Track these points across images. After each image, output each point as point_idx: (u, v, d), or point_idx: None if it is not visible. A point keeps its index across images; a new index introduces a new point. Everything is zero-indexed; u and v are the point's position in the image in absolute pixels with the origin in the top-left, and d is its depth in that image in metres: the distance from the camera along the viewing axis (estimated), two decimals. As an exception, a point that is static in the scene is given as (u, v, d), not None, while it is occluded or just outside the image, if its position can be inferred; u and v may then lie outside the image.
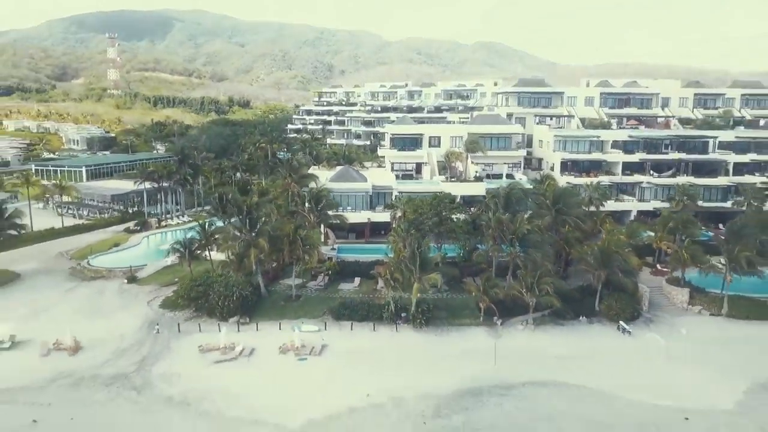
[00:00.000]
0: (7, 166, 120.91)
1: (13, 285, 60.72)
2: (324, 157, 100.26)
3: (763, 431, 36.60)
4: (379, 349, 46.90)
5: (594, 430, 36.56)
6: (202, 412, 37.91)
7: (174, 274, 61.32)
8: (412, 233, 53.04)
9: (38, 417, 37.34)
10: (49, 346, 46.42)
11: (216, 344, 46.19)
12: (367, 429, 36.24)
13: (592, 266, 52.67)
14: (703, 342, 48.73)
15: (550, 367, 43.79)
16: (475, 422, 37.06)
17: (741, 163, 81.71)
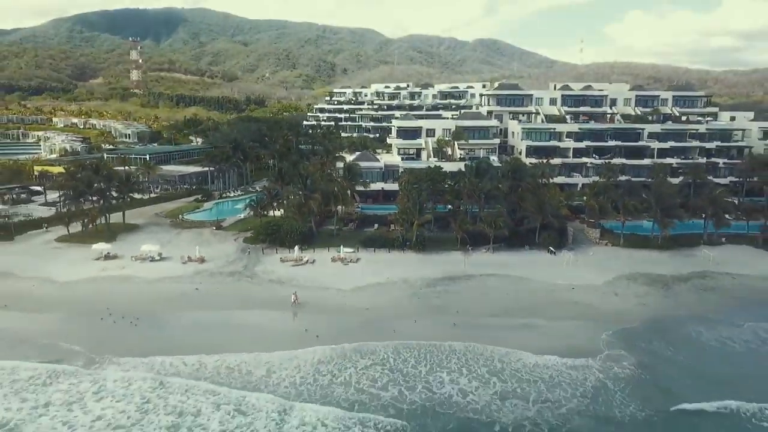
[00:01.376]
0: (78, 155, 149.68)
1: (139, 231, 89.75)
2: (345, 144, 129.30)
3: (614, 294, 65.65)
4: (393, 260, 75.99)
5: (520, 292, 65.43)
6: (292, 285, 66.85)
7: (247, 224, 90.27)
8: (413, 191, 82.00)
9: (198, 287, 66.50)
10: (185, 258, 75.57)
11: (291, 257, 75.40)
12: (387, 290, 65.37)
13: (533, 213, 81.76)
14: (600, 258, 77.86)
15: (499, 268, 72.75)
16: (450, 289, 66.16)
17: (663, 149, 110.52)
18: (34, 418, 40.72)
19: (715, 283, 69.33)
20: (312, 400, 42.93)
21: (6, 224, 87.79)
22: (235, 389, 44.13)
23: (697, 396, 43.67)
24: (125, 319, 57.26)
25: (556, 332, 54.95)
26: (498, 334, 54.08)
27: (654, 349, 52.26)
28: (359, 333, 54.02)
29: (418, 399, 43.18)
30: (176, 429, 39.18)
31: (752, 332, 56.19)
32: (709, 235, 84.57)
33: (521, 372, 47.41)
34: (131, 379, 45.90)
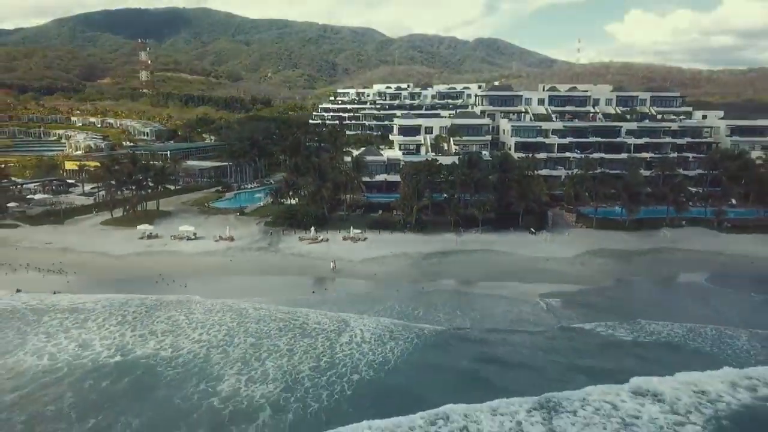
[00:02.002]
0: (102, 152, 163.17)
1: (172, 216, 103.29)
2: (351, 141, 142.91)
3: (581, 264, 79.21)
4: (395, 239, 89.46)
5: (502, 263, 78.99)
6: (310, 257, 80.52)
7: (267, 211, 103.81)
8: (412, 181, 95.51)
9: (231, 259, 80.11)
10: (217, 237, 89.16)
11: (308, 236, 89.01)
12: (391, 262, 78.94)
13: (517, 199, 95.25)
14: (574, 238, 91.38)
15: (486, 245, 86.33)
16: (444, 261, 79.79)
17: (639, 145, 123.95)
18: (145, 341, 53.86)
19: (667, 256, 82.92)
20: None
21: (56, 210, 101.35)
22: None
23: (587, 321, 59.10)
24: (176, 282, 70.93)
25: (524, 288, 68.86)
26: (479, 290, 67.86)
27: (588, 296, 66.70)
28: (371, 289, 67.79)
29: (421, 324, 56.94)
30: (257, 347, 52.22)
31: (680, 286, 70.24)
32: (671, 218, 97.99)
33: (491, 307, 61.92)
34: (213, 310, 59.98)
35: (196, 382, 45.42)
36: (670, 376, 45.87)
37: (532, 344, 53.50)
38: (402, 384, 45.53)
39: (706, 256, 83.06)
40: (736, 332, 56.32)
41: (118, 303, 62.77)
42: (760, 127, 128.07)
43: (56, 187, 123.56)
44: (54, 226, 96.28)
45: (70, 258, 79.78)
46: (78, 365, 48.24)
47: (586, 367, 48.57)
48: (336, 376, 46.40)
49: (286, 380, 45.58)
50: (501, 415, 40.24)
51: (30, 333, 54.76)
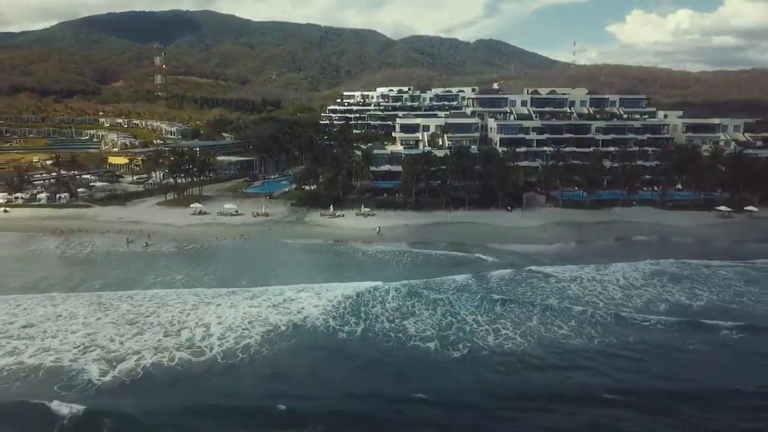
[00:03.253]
0: (135, 149, 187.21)
1: (213, 199, 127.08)
2: (359, 138, 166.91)
3: (544, 231, 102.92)
4: (398, 216, 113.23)
5: (482, 230, 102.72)
6: (331, 227, 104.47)
7: (291, 194, 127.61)
8: (411, 169, 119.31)
9: (270, 228, 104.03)
10: (255, 213, 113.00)
11: (327, 213, 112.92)
12: (394, 230, 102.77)
13: (497, 184, 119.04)
14: (542, 214, 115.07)
15: (470, 219, 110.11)
16: (435, 230, 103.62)
17: (606, 140, 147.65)
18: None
19: (613, 226, 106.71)
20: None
21: (118, 194, 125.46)
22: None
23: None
24: (235, 240, 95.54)
25: (496, 247, 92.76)
26: (465, 248, 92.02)
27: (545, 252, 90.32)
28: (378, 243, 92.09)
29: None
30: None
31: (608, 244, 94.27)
32: (624, 200, 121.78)
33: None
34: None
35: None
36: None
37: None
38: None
39: (644, 226, 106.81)
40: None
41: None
42: (711, 124, 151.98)
43: (110, 177, 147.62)
44: (119, 207, 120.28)
45: (144, 227, 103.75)
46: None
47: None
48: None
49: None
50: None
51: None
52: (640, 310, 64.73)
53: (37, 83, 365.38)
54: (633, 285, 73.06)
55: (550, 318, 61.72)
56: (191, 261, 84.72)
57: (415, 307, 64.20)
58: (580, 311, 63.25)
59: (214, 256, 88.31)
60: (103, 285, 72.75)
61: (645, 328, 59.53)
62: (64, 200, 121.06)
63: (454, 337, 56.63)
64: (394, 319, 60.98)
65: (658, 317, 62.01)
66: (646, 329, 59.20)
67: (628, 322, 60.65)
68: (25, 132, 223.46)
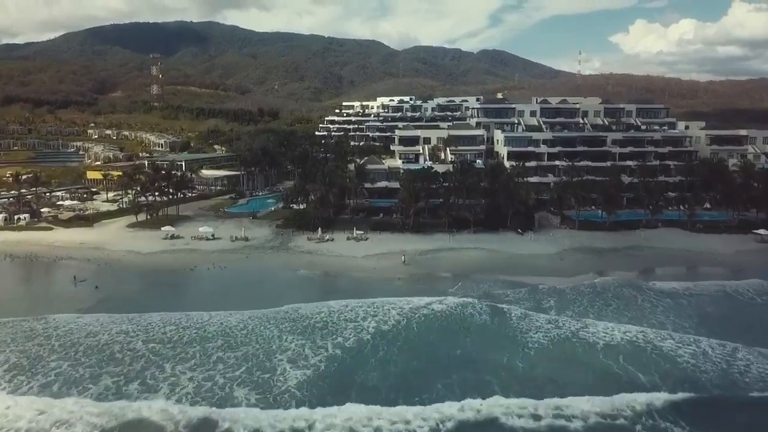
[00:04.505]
0: (119, 162, 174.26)
1: (191, 220, 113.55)
2: (355, 151, 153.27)
3: (560, 258, 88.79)
4: (395, 239, 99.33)
5: (489, 259, 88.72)
6: (317, 254, 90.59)
7: (278, 214, 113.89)
8: (411, 186, 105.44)
9: (247, 256, 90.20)
10: (233, 237, 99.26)
11: (315, 236, 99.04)
12: (390, 258, 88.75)
13: (505, 203, 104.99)
14: (557, 237, 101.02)
15: (476, 244, 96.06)
16: (437, 256, 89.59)
17: (624, 153, 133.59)
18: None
19: (639, 253, 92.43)
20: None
21: (85, 215, 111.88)
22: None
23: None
24: (209, 270, 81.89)
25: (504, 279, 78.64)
26: (469, 284, 77.79)
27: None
28: (370, 281, 77.86)
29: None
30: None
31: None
32: (648, 220, 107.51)
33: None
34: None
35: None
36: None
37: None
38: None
39: (675, 253, 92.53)
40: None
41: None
42: (738, 136, 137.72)
43: (82, 195, 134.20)
44: (85, 229, 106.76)
45: (104, 254, 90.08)
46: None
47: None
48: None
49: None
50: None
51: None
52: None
53: (33, 94, 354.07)
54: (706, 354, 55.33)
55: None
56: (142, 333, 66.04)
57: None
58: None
59: (173, 299, 74.40)
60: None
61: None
62: (23, 222, 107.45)
63: None
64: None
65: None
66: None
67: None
68: (9, 144, 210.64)
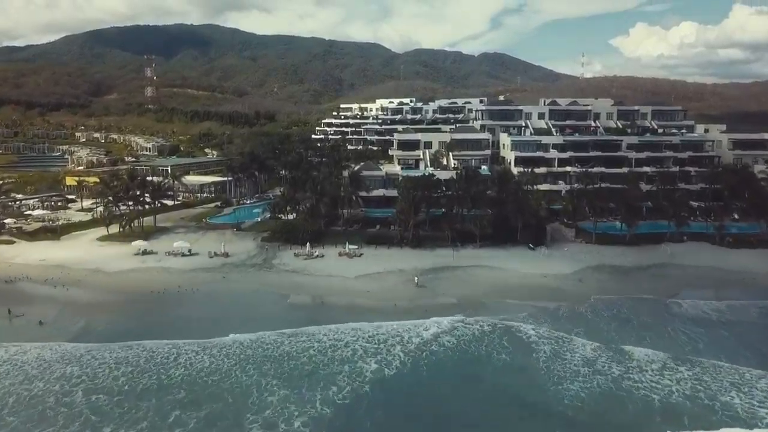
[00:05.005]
0: (104, 167, 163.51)
1: (169, 232, 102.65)
2: (351, 156, 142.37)
3: (579, 280, 77.78)
4: (391, 255, 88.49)
5: (498, 279, 77.81)
6: (305, 273, 79.67)
7: (264, 226, 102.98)
8: (410, 195, 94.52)
9: (225, 276, 79.28)
10: (212, 253, 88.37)
11: (303, 252, 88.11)
12: (386, 278, 77.87)
13: (514, 214, 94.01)
14: (573, 253, 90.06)
15: (483, 261, 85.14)
16: (439, 276, 78.59)
17: (640, 159, 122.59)
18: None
19: (667, 273, 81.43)
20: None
21: (53, 227, 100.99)
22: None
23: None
24: (179, 293, 70.65)
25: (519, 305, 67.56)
26: (480, 311, 66.69)
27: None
28: (364, 308, 66.80)
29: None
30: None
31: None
32: (672, 233, 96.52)
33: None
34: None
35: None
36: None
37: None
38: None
39: (706, 272, 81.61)
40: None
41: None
42: (763, 140, 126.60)
43: (55, 203, 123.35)
44: (52, 242, 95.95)
45: (64, 274, 79.17)
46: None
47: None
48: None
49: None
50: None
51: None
52: None
53: (26, 96, 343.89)
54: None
55: None
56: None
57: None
58: None
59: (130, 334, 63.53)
60: None
61: None
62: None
63: None
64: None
65: None
66: None
67: None
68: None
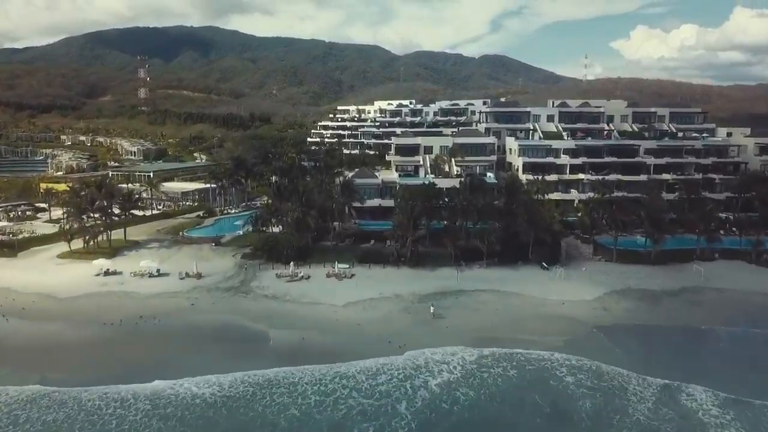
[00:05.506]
0: (84, 172, 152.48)
1: (140, 247, 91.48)
2: (345, 161, 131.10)
3: (604, 309, 66.48)
4: (387, 276, 77.26)
5: (510, 308, 66.53)
6: (286, 300, 68.42)
7: (246, 241, 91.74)
8: (408, 207, 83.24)
9: (194, 303, 68.02)
10: (182, 274, 77.15)
11: (286, 273, 76.83)
12: (380, 305, 66.62)
13: (525, 228, 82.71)
14: (592, 273, 78.77)
15: (491, 284, 73.84)
16: (442, 304, 67.22)
17: (659, 165, 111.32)
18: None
19: (703, 299, 70.11)
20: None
21: (10, 242, 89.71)
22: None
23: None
24: (138, 325, 59.11)
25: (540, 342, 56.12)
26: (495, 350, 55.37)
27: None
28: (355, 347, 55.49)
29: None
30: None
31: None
32: (702, 250, 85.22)
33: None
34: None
35: None
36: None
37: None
38: None
39: (746, 297, 70.37)
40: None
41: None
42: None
43: (23, 213, 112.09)
44: (6, 260, 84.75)
45: (8, 302, 67.92)
46: None
47: None
48: None
49: None
50: None
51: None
52: None
53: (17, 98, 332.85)
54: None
55: None
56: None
57: None
58: None
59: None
60: None
61: None
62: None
63: None
64: None
65: None
66: None
67: None
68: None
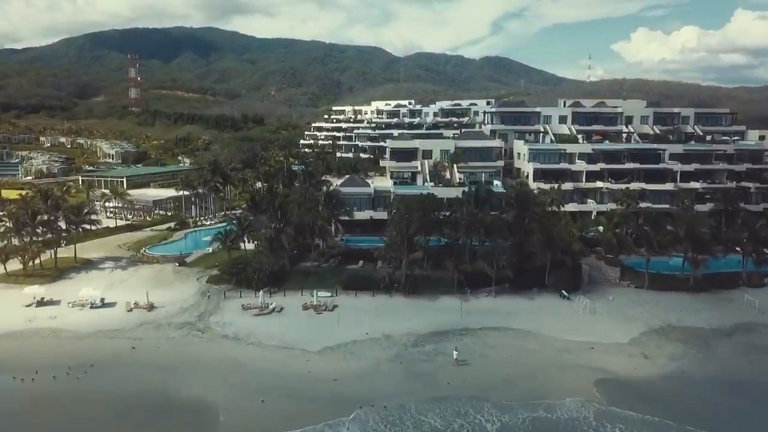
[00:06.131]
0: (55, 177, 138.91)
1: (91, 267, 77.82)
2: (334, 167, 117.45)
3: (644, 356, 52.68)
4: (376, 307, 63.55)
5: (524, 354, 52.84)
6: (249, 342, 54.72)
7: (215, 260, 78.12)
8: (403, 222, 69.51)
9: (134, 346, 54.28)
10: (131, 305, 63.46)
11: (255, 303, 63.10)
12: (365, 352, 52.84)
13: (541, 248, 68.95)
14: (623, 304, 64.99)
15: (502, 319, 60.14)
16: (441, 349, 53.51)
17: (687, 172, 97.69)
18: None
19: (757, 337, 56.37)
20: None
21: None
22: None
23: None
24: (57, 379, 45.22)
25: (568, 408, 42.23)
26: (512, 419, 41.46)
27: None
28: (317, 418, 41.49)
29: None
30: None
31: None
32: (749, 274, 71.40)
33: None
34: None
35: None
36: None
37: None
38: None
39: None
40: None
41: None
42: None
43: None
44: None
45: None
46: None
47: None
48: None
49: None
50: None
51: None
52: None
53: (6, 98, 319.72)
54: None
55: None
56: None
57: None
58: None
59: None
60: None
61: None
62: None
63: None
64: None
65: None
66: None
67: None
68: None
